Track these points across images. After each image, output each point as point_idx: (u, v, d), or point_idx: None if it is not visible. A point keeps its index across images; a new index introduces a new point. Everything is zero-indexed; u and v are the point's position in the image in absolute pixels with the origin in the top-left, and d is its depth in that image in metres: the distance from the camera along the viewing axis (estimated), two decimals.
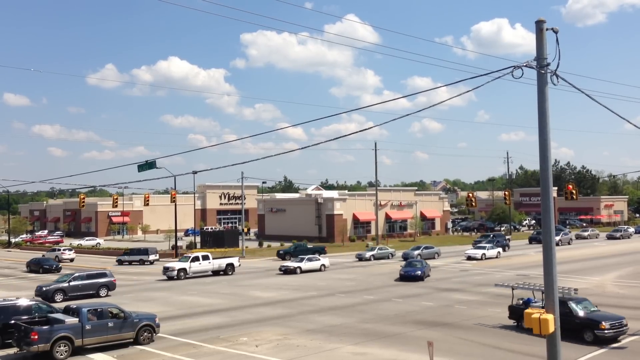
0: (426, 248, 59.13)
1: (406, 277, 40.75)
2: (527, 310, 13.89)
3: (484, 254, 56.10)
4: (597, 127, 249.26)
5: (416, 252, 56.51)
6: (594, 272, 44.86)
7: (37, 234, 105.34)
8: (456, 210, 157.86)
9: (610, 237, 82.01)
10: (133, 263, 60.16)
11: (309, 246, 65.03)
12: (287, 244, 75.90)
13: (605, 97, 19.86)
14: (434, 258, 57.15)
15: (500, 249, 59.66)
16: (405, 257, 54.95)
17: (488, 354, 21.34)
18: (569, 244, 72.95)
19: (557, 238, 69.23)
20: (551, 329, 13.31)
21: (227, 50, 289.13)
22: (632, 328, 24.79)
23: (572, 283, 38.74)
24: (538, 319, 13.35)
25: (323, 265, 50.51)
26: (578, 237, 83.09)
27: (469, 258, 55.94)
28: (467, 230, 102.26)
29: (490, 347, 22.34)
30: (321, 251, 62.55)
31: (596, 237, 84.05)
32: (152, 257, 60.78)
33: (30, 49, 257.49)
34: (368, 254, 59.04)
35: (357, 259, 58.67)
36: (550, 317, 13.35)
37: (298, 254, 60.07)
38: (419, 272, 40.86)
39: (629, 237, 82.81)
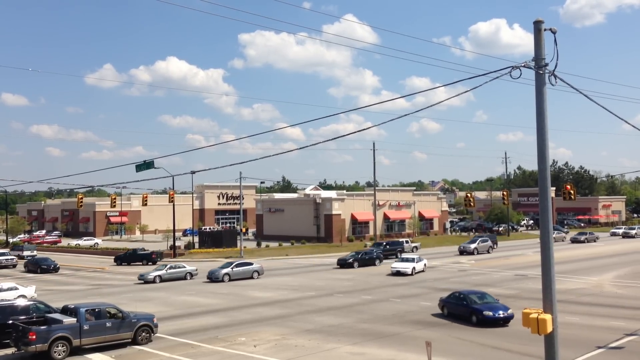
0: (238, 265, 45.56)
1: (491, 320, 25.99)
2: (525, 310, 13.88)
3: (414, 267, 45.67)
4: (595, 127, 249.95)
5: (224, 271, 44.12)
6: (591, 272, 44.91)
7: (35, 234, 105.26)
8: (454, 210, 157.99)
9: (574, 241, 75.90)
10: None
11: (143, 253, 61.85)
12: (286, 244, 76.02)
13: (603, 97, 19.87)
14: (251, 277, 44.72)
15: (425, 261, 48.85)
16: (210, 277, 44.09)
17: (487, 354, 21.35)
18: (488, 252, 63.25)
19: (472, 246, 63.10)
20: (549, 328, 13.30)
21: (226, 51, 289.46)
22: (631, 328, 24.84)
23: (570, 283, 38.84)
24: (536, 318, 13.34)
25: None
26: None
27: (398, 273, 45.02)
28: (465, 230, 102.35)
29: (489, 347, 22.35)
30: (149, 259, 59.36)
31: (562, 240, 77.55)
32: (26, 253, 60.65)
33: (29, 49, 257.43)
34: (152, 275, 44.61)
35: (141, 281, 44.43)
36: (548, 317, 13.34)
37: (133, 260, 59.40)
38: (510, 311, 26.46)
39: (594, 241, 76.18)
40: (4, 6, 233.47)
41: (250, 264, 46.81)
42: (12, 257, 59.97)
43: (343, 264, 51.95)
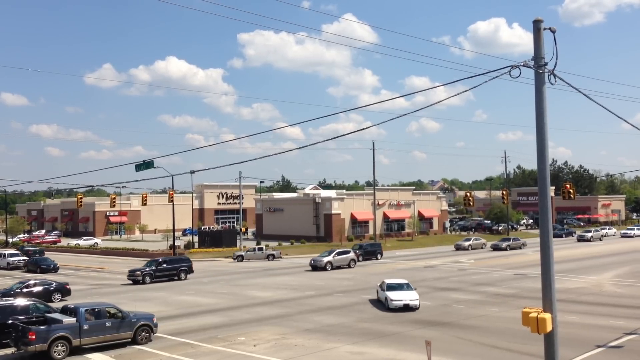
0: None
1: None
2: (524, 310, 13.89)
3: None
4: (594, 126, 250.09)
5: None
6: (591, 271, 44.93)
7: (34, 233, 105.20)
8: (454, 209, 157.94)
9: (495, 248, 67.18)
10: None
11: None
12: (286, 244, 75.98)
13: (602, 96, 19.90)
14: None
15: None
16: None
17: (486, 353, 21.34)
18: (349, 266, 51.43)
19: (325, 260, 50.56)
20: (549, 328, 13.31)
21: (225, 50, 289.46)
22: (630, 327, 24.84)
23: (569, 282, 38.84)
24: (536, 317, 13.34)
25: None
26: (458, 247, 68.50)
27: (407, 308, 29.66)
28: (465, 229, 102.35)
29: (488, 346, 22.35)
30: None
31: (481, 248, 69.75)
32: None
33: (29, 49, 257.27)
34: None
35: None
36: (547, 316, 13.35)
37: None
38: None
39: (519, 248, 67.07)
40: (4, 6, 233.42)
41: None
42: (25, 257, 59.77)
43: None
